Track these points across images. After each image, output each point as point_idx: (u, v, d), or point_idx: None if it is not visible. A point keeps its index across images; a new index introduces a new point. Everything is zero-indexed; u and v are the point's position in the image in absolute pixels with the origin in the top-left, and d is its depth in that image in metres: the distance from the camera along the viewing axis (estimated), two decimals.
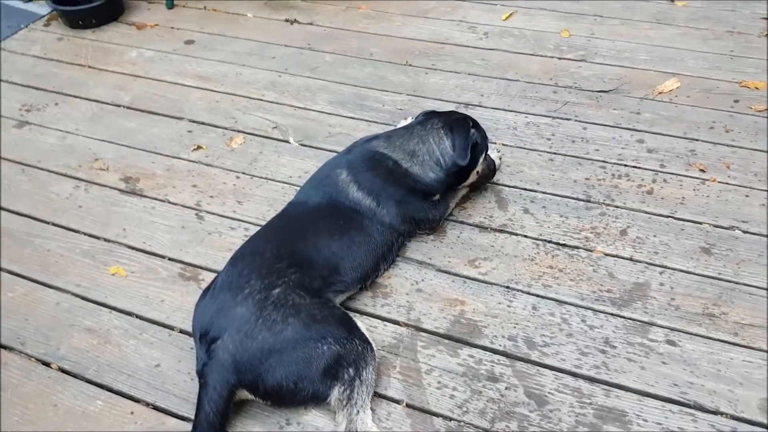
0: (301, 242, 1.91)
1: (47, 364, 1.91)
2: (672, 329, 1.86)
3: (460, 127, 2.12)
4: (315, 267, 1.87)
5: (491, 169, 2.31)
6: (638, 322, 1.89)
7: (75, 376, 1.88)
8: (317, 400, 1.69)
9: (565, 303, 1.96)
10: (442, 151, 2.10)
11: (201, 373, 1.68)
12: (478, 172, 2.21)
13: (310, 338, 1.68)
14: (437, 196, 2.17)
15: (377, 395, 1.75)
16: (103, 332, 1.99)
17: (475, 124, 2.19)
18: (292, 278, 1.79)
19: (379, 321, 1.96)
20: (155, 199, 2.47)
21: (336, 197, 2.04)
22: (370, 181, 2.05)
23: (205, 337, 1.71)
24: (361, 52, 3.22)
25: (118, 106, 3.00)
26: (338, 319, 1.76)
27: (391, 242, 2.07)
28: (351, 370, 1.67)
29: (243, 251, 1.92)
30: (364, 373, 1.68)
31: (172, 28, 3.56)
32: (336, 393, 1.66)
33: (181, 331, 1.97)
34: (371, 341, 1.76)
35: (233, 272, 1.82)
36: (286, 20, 3.54)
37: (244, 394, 1.69)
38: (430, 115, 2.23)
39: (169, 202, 2.45)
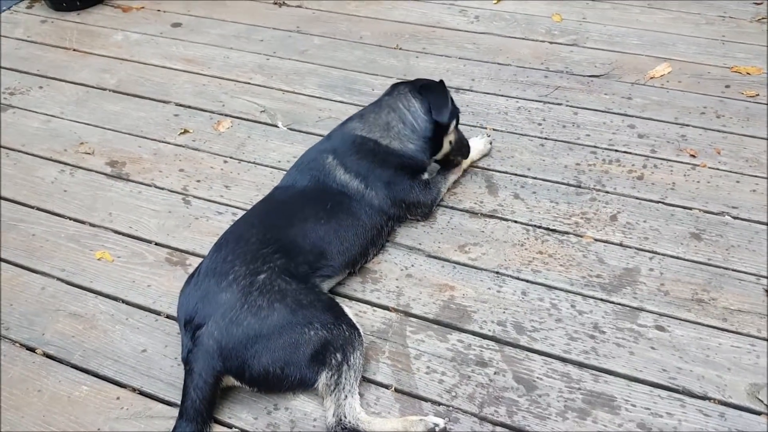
0: (287, 227, 1.89)
1: (32, 350, 1.89)
2: (661, 315, 1.86)
3: (434, 86, 2.13)
4: (301, 252, 1.85)
5: (461, 139, 2.25)
6: (627, 308, 1.89)
7: (60, 361, 1.85)
8: (305, 385, 1.67)
9: (555, 288, 1.95)
10: (413, 113, 2.11)
11: (186, 360, 1.66)
12: (451, 142, 2.19)
13: (297, 323, 1.66)
14: (426, 175, 2.15)
15: (366, 380, 1.75)
16: (89, 317, 1.96)
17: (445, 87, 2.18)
18: (278, 264, 1.77)
19: (369, 306, 1.95)
20: (141, 183, 2.44)
21: (323, 180, 2.02)
22: (356, 163, 2.03)
23: (189, 324, 1.69)
24: (350, 35, 3.18)
25: (104, 89, 2.95)
26: (325, 304, 1.75)
27: (380, 226, 2.05)
28: (338, 356, 1.65)
29: (227, 237, 1.89)
30: (352, 358, 1.66)
31: (159, 10, 3.50)
32: (323, 378, 1.65)
33: (168, 316, 1.95)
34: (358, 326, 1.75)
35: (217, 258, 1.79)
36: (275, 3, 3.49)
37: (231, 381, 1.68)
38: (396, 85, 2.23)
39: (156, 187, 2.42)
